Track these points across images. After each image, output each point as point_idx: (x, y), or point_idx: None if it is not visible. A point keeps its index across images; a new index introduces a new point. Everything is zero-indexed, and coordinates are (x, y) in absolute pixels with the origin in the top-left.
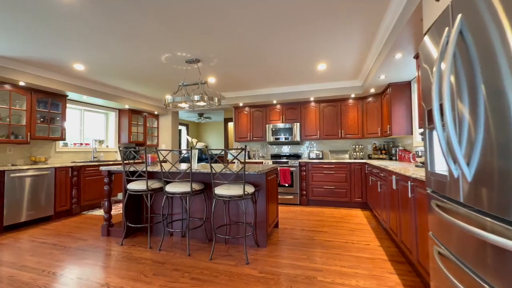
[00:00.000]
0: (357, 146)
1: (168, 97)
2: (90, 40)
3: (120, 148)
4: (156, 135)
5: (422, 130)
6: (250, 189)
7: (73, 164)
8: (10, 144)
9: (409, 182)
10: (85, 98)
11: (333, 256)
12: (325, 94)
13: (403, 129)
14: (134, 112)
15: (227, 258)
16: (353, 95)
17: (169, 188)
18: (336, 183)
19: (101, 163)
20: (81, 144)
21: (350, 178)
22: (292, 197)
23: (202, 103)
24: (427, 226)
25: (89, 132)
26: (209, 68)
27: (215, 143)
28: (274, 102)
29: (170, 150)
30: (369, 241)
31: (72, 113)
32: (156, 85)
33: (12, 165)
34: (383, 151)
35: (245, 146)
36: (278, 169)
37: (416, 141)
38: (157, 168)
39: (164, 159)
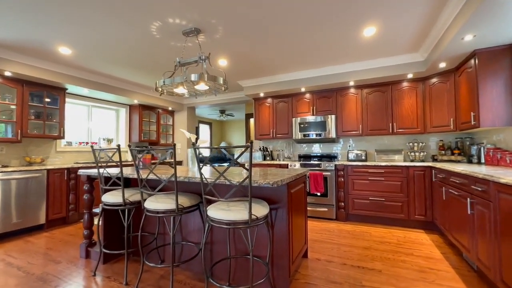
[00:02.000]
0: (415, 144)
1: (160, 80)
2: (62, 7)
3: (94, 147)
4: (171, 133)
5: None
6: (261, 210)
7: (70, 166)
8: (1, 142)
9: None
10: (86, 91)
11: None
12: (370, 75)
13: (501, 118)
14: (145, 108)
15: None
16: (410, 75)
17: (150, 203)
18: (386, 194)
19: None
20: (87, 143)
21: (407, 187)
22: (326, 209)
23: (203, 86)
24: None
25: (98, 130)
26: (215, 42)
27: (239, 142)
28: (302, 89)
29: (151, 149)
30: None
31: (77, 109)
32: (158, 73)
33: (3, 166)
34: (456, 151)
35: (251, 143)
36: (308, 174)
37: None
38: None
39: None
